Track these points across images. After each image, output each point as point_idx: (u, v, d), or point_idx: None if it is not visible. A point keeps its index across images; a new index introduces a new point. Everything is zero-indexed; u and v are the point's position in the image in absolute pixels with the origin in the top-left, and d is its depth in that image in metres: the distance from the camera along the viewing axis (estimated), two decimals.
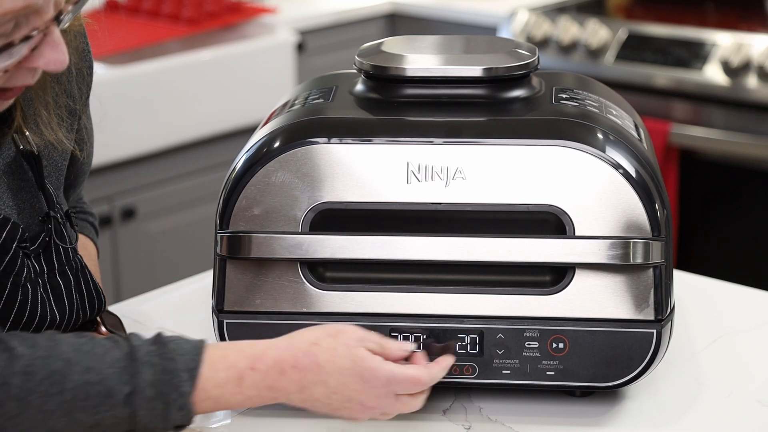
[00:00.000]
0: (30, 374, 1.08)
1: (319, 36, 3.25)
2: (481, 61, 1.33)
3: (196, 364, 1.13)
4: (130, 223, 2.79)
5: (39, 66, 1.09)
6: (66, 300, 1.27)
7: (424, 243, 1.27)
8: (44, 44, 1.08)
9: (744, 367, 1.40)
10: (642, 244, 1.25)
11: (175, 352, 1.13)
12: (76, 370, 1.09)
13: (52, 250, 1.26)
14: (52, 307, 1.25)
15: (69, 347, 1.10)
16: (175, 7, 3.04)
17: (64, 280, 1.27)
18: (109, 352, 1.11)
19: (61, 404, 1.08)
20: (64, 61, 1.09)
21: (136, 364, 1.11)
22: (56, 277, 1.26)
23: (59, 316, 1.26)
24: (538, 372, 1.28)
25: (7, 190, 1.23)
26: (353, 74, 1.41)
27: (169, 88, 2.79)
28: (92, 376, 1.09)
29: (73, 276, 1.28)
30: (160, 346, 1.13)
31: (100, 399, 1.09)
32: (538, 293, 1.27)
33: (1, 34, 1.05)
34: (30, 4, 1.04)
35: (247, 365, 1.15)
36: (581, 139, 1.26)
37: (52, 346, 1.10)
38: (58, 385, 1.08)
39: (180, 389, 1.11)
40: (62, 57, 1.09)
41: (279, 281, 1.29)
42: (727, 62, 2.82)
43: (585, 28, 3.05)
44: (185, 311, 1.55)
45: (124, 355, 1.11)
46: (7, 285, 1.20)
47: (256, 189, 1.28)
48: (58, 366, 1.09)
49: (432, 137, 1.27)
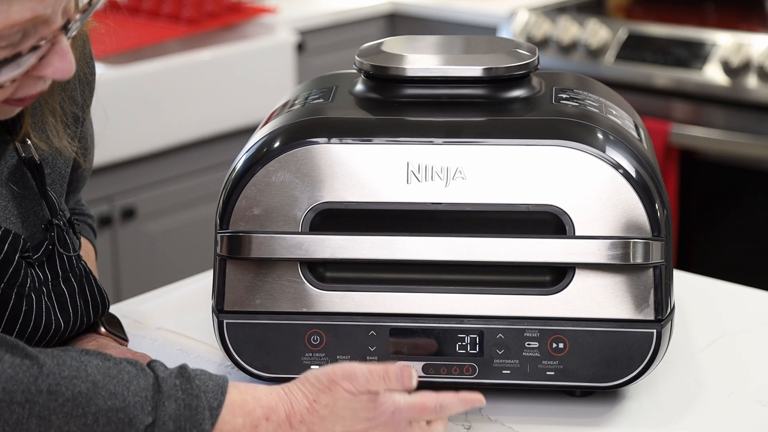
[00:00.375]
0: (55, 394, 1.07)
1: (319, 36, 3.25)
2: (481, 61, 1.33)
3: (218, 404, 1.13)
4: (130, 223, 2.79)
5: (47, 75, 1.10)
6: (71, 307, 1.27)
7: (424, 243, 1.27)
8: (52, 53, 1.08)
9: (744, 367, 1.40)
10: (642, 244, 1.25)
11: (199, 389, 1.12)
12: (101, 395, 1.09)
13: (56, 258, 1.26)
14: (57, 315, 1.25)
15: (96, 369, 1.10)
16: (175, 7, 3.04)
17: (68, 287, 1.27)
18: (134, 380, 1.11)
19: (82, 427, 1.08)
20: (72, 70, 1.10)
21: (160, 396, 1.10)
22: (60, 284, 1.26)
23: (64, 324, 1.26)
24: (538, 372, 1.28)
25: (10, 198, 1.23)
26: (353, 74, 1.41)
27: (169, 88, 2.79)
28: (116, 403, 1.09)
29: (77, 282, 1.28)
30: (185, 380, 1.12)
31: (121, 426, 1.08)
32: (538, 293, 1.27)
33: (9, 44, 1.05)
34: (38, 15, 1.05)
35: (262, 415, 1.15)
36: (581, 139, 1.26)
37: (79, 367, 1.09)
38: (81, 407, 1.08)
39: (201, 427, 1.11)
40: (70, 66, 1.09)
41: (279, 281, 1.29)
42: (727, 62, 2.82)
43: (585, 28, 3.05)
44: (185, 311, 1.55)
45: (150, 386, 1.11)
46: (11, 296, 1.20)
47: (256, 189, 1.28)
48: (83, 388, 1.08)
49: (432, 137, 1.27)
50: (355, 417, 1.15)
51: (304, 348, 1.29)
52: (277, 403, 1.15)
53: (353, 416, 1.15)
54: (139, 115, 2.74)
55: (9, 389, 1.05)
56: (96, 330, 1.35)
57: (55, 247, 1.26)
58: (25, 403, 1.06)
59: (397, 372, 1.16)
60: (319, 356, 1.29)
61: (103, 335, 1.35)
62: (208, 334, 1.39)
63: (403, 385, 1.16)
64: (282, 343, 1.29)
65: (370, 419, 1.15)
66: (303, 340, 1.29)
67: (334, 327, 1.29)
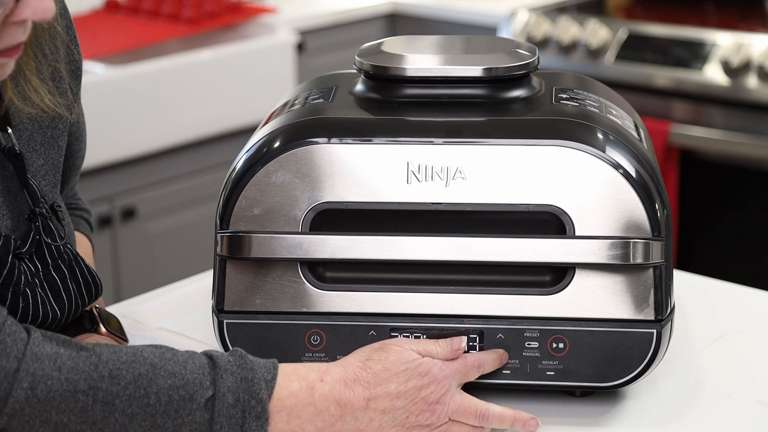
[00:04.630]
0: (117, 378, 1.10)
1: (319, 36, 3.25)
2: (481, 61, 1.33)
3: (272, 376, 1.16)
4: (130, 223, 2.79)
5: (27, 17, 1.07)
6: (64, 294, 1.27)
7: (424, 243, 1.27)
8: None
9: (744, 367, 1.40)
10: (642, 244, 1.25)
11: (253, 363, 1.16)
12: (161, 374, 1.12)
13: (44, 248, 1.26)
14: (52, 305, 1.25)
15: (151, 354, 1.13)
16: (175, 7, 3.04)
17: (59, 274, 1.27)
18: (189, 360, 1.14)
19: (145, 407, 1.10)
20: (52, 8, 1.08)
21: (218, 371, 1.14)
22: (51, 273, 1.26)
23: (59, 311, 1.26)
24: (538, 372, 1.27)
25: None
26: (353, 74, 1.41)
27: (169, 88, 2.79)
28: (176, 381, 1.12)
29: (67, 268, 1.28)
30: (237, 357, 1.16)
31: (182, 403, 1.11)
32: (538, 293, 1.27)
33: None
34: None
35: (317, 377, 1.18)
36: (581, 139, 1.26)
37: (135, 353, 1.13)
38: (143, 388, 1.11)
39: (258, 396, 1.14)
40: (49, 3, 1.07)
41: (279, 281, 1.29)
42: (727, 62, 2.82)
43: (585, 28, 3.05)
44: (185, 311, 1.55)
45: (205, 363, 1.14)
46: (7, 296, 1.20)
47: (256, 189, 1.28)
48: (143, 370, 1.11)
49: (432, 137, 1.27)
50: (408, 372, 1.20)
51: (304, 348, 1.29)
52: (330, 366, 1.20)
53: (406, 371, 1.20)
54: (139, 115, 2.74)
55: (72, 379, 1.08)
56: (96, 330, 1.35)
57: (41, 237, 1.26)
58: (88, 391, 1.08)
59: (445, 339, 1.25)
60: (319, 356, 1.29)
61: (103, 335, 1.35)
62: (208, 334, 1.39)
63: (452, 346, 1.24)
64: (282, 343, 1.29)
65: (422, 375, 1.20)
66: (303, 340, 1.29)
67: (334, 327, 1.29)
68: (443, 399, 1.20)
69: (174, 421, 1.11)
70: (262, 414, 1.14)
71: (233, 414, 1.13)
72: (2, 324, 1.09)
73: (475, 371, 1.25)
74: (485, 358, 1.26)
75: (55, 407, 1.08)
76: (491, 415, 1.22)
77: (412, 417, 1.20)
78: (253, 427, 1.14)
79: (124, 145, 2.72)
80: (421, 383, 1.20)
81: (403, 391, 1.19)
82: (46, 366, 1.08)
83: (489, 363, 1.26)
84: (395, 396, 1.19)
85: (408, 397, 1.19)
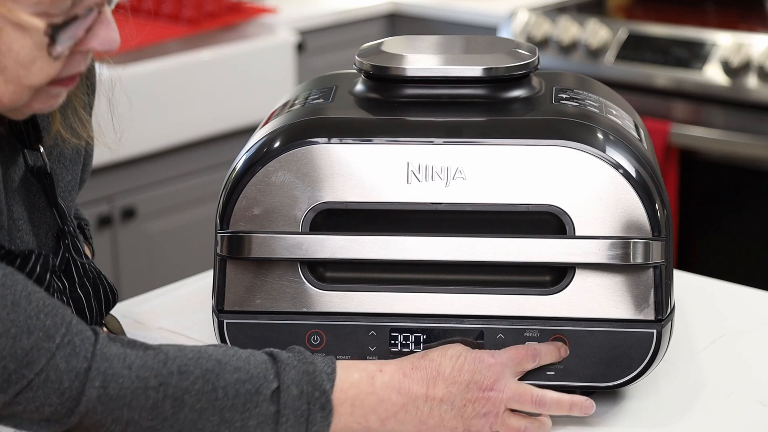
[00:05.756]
0: (185, 373, 1.11)
1: (319, 36, 3.25)
2: (481, 61, 1.33)
3: (332, 368, 1.18)
4: (130, 223, 2.79)
5: (94, 47, 1.08)
6: (87, 311, 1.28)
7: (424, 243, 1.27)
8: (97, 24, 1.08)
9: (744, 367, 1.40)
10: (642, 244, 1.25)
11: (312, 358, 1.18)
12: (227, 369, 1.13)
13: (71, 266, 1.27)
14: None
15: (214, 351, 1.15)
16: (175, 7, 3.04)
17: (84, 292, 1.28)
18: (251, 356, 1.16)
19: (213, 402, 1.12)
20: (118, 40, 1.09)
21: (280, 365, 1.15)
22: (77, 290, 1.27)
23: None
24: (538, 372, 1.27)
25: (22, 209, 1.23)
26: (353, 74, 1.41)
27: (169, 88, 2.79)
28: (242, 375, 1.13)
29: (91, 286, 1.29)
30: (296, 353, 1.18)
31: (249, 396, 1.13)
32: (538, 293, 1.27)
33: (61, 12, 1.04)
34: None
35: (376, 368, 1.20)
36: (581, 139, 1.26)
37: (199, 350, 1.14)
38: (211, 383, 1.12)
39: (322, 387, 1.15)
40: (115, 35, 1.09)
41: (279, 281, 1.29)
42: (727, 62, 2.82)
43: (585, 28, 3.05)
44: (185, 311, 1.55)
45: (267, 359, 1.16)
46: None
47: (256, 189, 1.28)
48: (209, 366, 1.12)
49: (432, 137, 1.27)
50: (462, 358, 1.22)
51: (304, 348, 1.29)
52: (387, 361, 1.22)
53: (460, 357, 1.22)
54: (140, 115, 2.73)
55: (142, 376, 1.09)
56: None
57: (70, 255, 1.27)
58: (159, 387, 1.10)
59: None
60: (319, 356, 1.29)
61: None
62: (208, 334, 1.39)
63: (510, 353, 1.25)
64: (282, 343, 1.29)
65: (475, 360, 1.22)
66: (303, 340, 1.29)
67: (334, 327, 1.29)
68: (497, 386, 1.21)
69: (242, 414, 1.12)
70: (326, 405, 1.15)
71: (298, 406, 1.14)
72: (69, 323, 1.09)
73: (530, 361, 1.25)
74: (541, 348, 1.26)
75: (126, 404, 1.09)
76: (548, 401, 1.23)
77: (470, 405, 1.20)
78: (318, 419, 1.15)
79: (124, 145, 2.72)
80: (474, 367, 1.21)
81: (458, 376, 1.20)
82: (116, 365, 1.09)
83: (546, 353, 1.26)
84: (450, 382, 1.20)
85: (462, 382, 1.20)
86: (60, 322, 1.08)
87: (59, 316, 1.08)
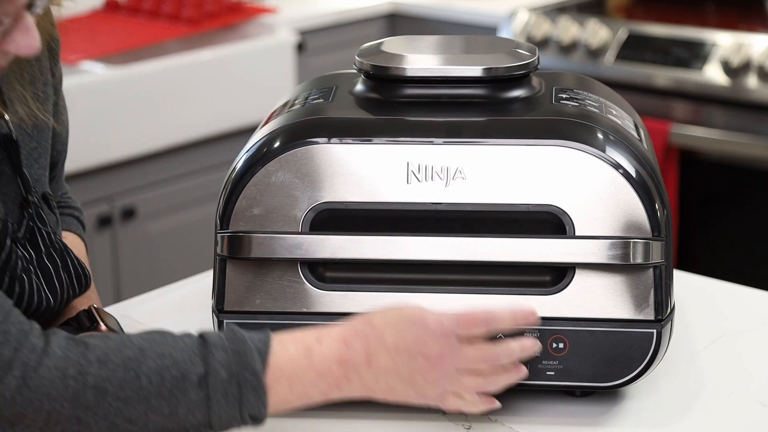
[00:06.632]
0: (105, 362, 1.09)
1: (319, 36, 3.25)
2: (481, 61, 1.33)
3: (266, 343, 1.13)
4: (130, 223, 2.79)
5: (10, 50, 1.09)
6: (56, 282, 1.28)
7: (424, 243, 1.27)
8: (16, 29, 1.08)
9: (744, 367, 1.40)
10: (642, 244, 1.25)
11: (244, 335, 1.13)
12: (150, 356, 1.11)
13: (37, 235, 1.27)
14: (46, 292, 1.26)
15: (139, 338, 1.13)
16: (175, 7, 3.03)
17: (52, 262, 1.27)
18: (179, 340, 1.13)
19: (137, 390, 1.09)
20: (36, 47, 1.09)
21: (208, 347, 1.12)
22: (44, 260, 1.27)
23: (52, 299, 1.27)
24: (538, 372, 1.27)
25: None
26: (353, 74, 1.41)
27: (169, 88, 2.79)
28: (166, 361, 1.11)
29: (59, 257, 1.29)
30: (229, 332, 1.14)
31: (175, 383, 1.10)
32: (538, 293, 1.27)
33: None
34: None
35: (313, 339, 1.15)
36: (581, 139, 1.26)
37: (123, 338, 1.12)
38: (133, 370, 1.10)
39: (252, 367, 1.11)
40: (34, 42, 1.09)
41: (279, 281, 1.29)
42: (727, 62, 2.82)
43: (585, 28, 3.05)
44: (185, 311, 1.55)
45: (195, 342, 1.13)
46: (5, 280, 1.21)
47: (256, 189, 1.28)
48: (132, 353, 1.10)
49: (432, 137, 1.27)
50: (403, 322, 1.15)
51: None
52: (328, 328, 1.16)
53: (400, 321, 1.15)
54: (139, 115, 2.73)
55: (60, 366, 1.08)
56: (96, 328, 1.35)
57: (35, 224, 1.26)
58: (78, 376, 1.08)
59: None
60: None
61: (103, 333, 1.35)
62: None
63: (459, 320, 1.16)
64: None
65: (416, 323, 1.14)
66: None
67: None
68: (443, 354, 1.15)
69: (169, 402, 1.10)
70: (258, 386, 1.11)
71: (229, 389, 1.10)
72: (9, 312, 1.09)
73: (481, 325, 1.16)
74: (496, 312, 1.17)
75: (45, 394, 1.07)
76: (499, 353, 1.16)
77: (417, 375, 1.15)
78: (251, 401, 1.11)
79: (124, 145, 2.72)
80: (416, 334, 1.14)
81: (401, 344, 1.14)
82: (37, 356, 1.08)
83: (501, 319, 1.17)
84: (393, 350, 1.14)
85: (405, 351, 1.14)
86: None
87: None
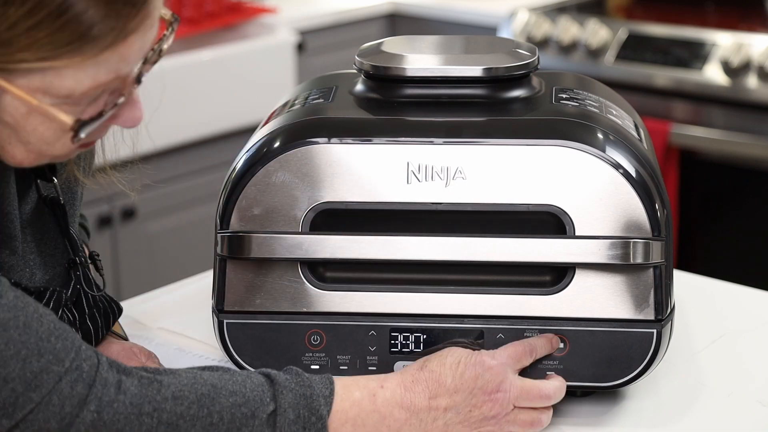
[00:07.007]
0: (180, 399, 1.10)
1: (319, 36, 3.25)
2: (481, 61, 1.33)
3: (330, 389, 1.17)
4: (130, 223, 2.79)
5: (117, 124, 1.12)
6: (94, 342, 1.29)
7: (424, 243, 1.27)
8: (124, 106, 1.10)
9: (744, 367, 1.40)
10: (642, 244, 1.25)
11: (310, 380, 1.16)
12: (222, 393, 1.12)
13: (82, 297, 1.27)
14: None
15: (209, 376, 1.14)
16: (175, 7, 3.03)
17: (93, 323, 1.28)
18: (248, 379, 1.15)
19: (208, 427, 1.11)
20: (141, 118, 1.13)
21: (277, 387, 1.14)
22: (87, 322, 1.27)
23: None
24: (538, 372, 1.27)
25: (31, 240, 1.23)
26: (353, 74, 1.41)
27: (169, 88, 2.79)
28: (237, 399, 1.12)
29: (101, 317, 1.29)
30: (294, 375, 1.17)
31: (245, 420, 1.12)
32: (538, 293, 1.27)
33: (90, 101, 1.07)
34: (121, 75, 1.07)
35: (377, 384, 1.19)
36: (581, 139, 1.26)
37: (194, 375, 1.13)
38: (206, 407, 1.11)
39: (318, 412, 1.14)
40: (140, 114, 1.13)
41: (279, 281, 1.29)
42: (727, 62, 2.82)
43: (585, 28, 3.05)
44: (185, 311, 1.55)
45: (263, 382, 1.15)
46: None
47: (256, 189, 1.28)
48: (204, 390, 1.12)
49: (432, 137, 1.27)
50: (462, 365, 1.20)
51: (304, 348, 1.29)
52: (387, 376, 1.21)
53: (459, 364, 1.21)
54: None
55: (136, 403, 1.08)
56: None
57: (81, 287, 1.27)
58: (153, 413, 1.09)
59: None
60: (319, 356, 1.29)
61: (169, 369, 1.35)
62: (208, 334, 1.39)
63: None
64: (282, 343, 1.29)
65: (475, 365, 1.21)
66: (303, 340, 1.29)
67: (334, 327, 1.29)
68: (502, 386, 1.21)
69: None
70: (322, 430, 1.14)
71: (294, 430, 1.13)
72: (79, 348, 1.08)
73: (528, 356, 1.25)
74: (536, 343, 1.26)
75: (119, 430, 1.08)
76: (552, 391, 1.23)
77: (476, 410, 1.20)
78: None
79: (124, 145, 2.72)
80: (476, 373, 1.20)
81: (460, 385, 1.20)
82: (111, 391, 1.08)
83: (540, 347, 1.26)
84: (453, 391, 1.19)
85: (466, 389, 1.20)
86: (70, 346, 1.07)
87: (69, 340, 1.08)
